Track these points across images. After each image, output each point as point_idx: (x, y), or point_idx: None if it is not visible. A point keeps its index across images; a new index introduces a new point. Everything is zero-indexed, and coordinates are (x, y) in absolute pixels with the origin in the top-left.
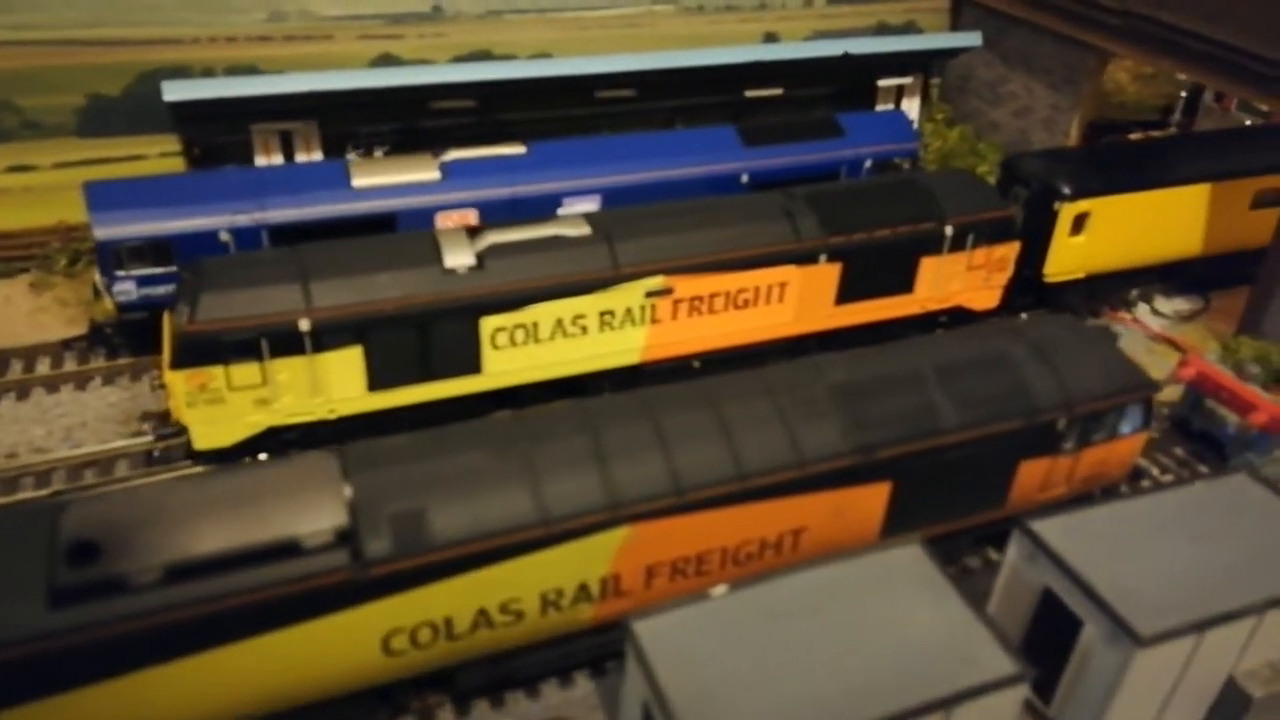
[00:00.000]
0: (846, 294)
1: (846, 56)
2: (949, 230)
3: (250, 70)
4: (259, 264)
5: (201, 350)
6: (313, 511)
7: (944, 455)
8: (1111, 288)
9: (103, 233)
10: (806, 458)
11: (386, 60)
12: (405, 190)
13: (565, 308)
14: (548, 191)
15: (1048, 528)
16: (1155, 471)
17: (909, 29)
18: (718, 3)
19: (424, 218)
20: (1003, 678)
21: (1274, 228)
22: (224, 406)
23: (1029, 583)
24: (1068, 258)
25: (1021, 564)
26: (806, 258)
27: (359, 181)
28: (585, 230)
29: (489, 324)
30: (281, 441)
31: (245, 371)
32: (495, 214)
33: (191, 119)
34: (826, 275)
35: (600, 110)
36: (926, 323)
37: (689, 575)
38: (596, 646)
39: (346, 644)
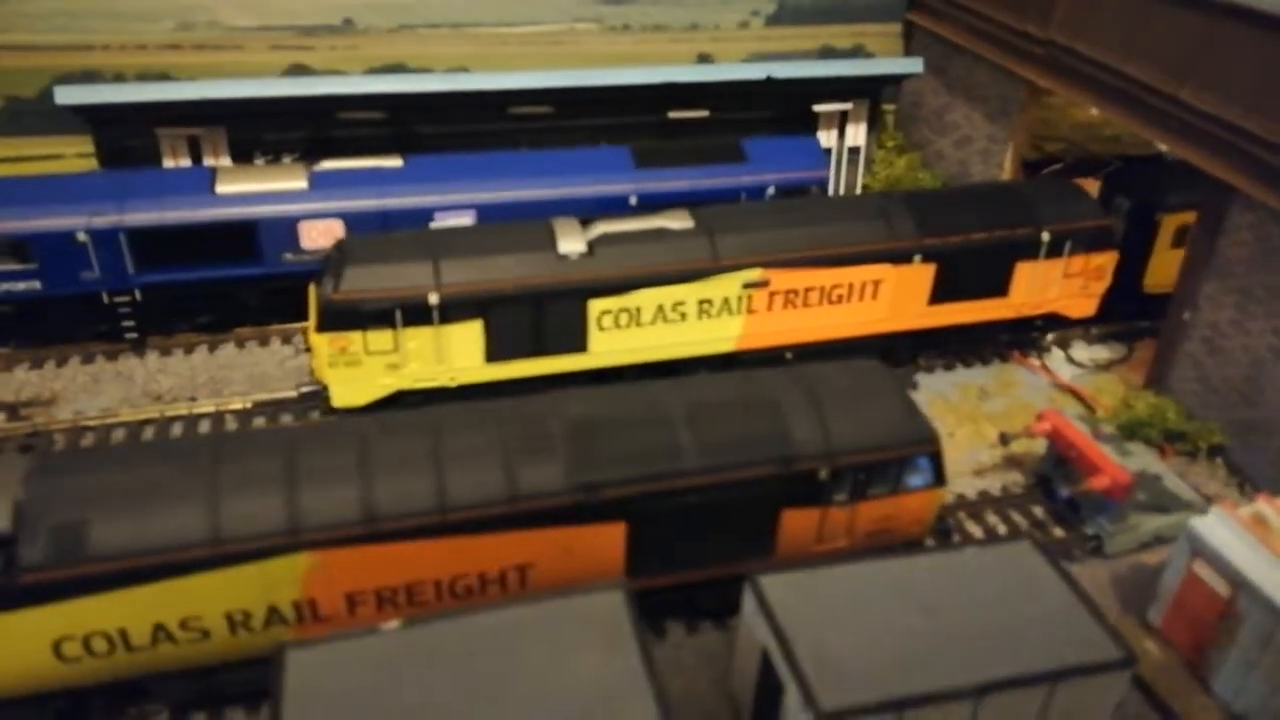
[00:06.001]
0: (940, 294)
1: (770, 80)
2: (1045, 236)
3: (161, 77)
4: (396, 244)
5: (343, 317)
6: None
7: (684, 498)
8: None
9: None
10: (520, 493)
11: (298, 70)
12: (269, 199)
13: (666, 294)
14: (419, 205)
15: (775, 583)
16: (1002, 529)
17: (856, 53)
18: (645, 21)
19: (287, 226)
20: None
21: None
22: (360, 369)
23: (755, 640)
24: (1169, 270)
25: (750, 619)
26: (901, 257)
27: (223, 188)
28: (689, 223)
29: (596, 306)
30: (408, 405)
31: (380, 338)
32: (363, 226)
33: (100, 122)
34: (920, 275)
35: (516, 126)
36: (1021, 326)
37: (399, 604)
38: None
39: (12, 646)
